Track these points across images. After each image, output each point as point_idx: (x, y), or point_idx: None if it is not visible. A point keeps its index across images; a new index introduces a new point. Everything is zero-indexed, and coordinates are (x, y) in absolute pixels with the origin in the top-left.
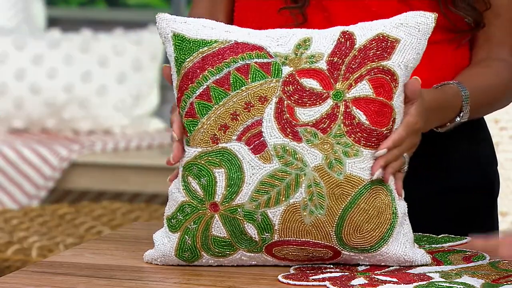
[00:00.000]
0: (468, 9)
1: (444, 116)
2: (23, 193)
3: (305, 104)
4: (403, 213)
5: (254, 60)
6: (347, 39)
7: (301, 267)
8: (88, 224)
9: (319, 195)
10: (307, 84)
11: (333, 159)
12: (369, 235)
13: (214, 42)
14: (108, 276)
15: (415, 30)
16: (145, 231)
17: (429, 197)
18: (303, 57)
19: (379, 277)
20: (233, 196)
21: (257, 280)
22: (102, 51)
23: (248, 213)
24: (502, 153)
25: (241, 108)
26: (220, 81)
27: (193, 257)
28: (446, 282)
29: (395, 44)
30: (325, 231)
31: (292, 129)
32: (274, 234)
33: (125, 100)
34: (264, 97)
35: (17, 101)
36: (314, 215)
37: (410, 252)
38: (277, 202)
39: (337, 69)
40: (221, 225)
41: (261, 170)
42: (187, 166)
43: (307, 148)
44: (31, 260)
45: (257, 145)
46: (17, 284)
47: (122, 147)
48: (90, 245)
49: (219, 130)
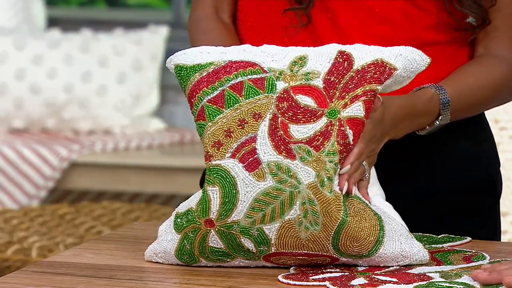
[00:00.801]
0: (474, 7)
1: (418, 121)
2: (23, 193)
3: (299, 121)
4: (383, 213)
5: (248, 77)
6: (344, 60)
7: (301, 267)
8: (88, 224)
9: (313, 212)
10: (302, 101)
11: (325, 177)
12: (365, 241)
13: (209, 64)
14: (108, 276)
15: (410, 65)
16: (145, 231)
17: (431, 197)
18: (298, 74)
19: (379, 277)
20: (228, 213)
21: (257, 280)
22: (102, 51)
23: (244, 228)
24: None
25: (235, 125)
26: (214, 99)
27: (192, 261)
28: (446, 282)
29: (392, 71)
30: (321, 244)
31: (286, 146)
32: (271, 247)
33: (125, 100)
34: (258, 113)
35: (17, 101)
36: (310, 231)
37: (406, 247)
38: (272, 219)
39: (333, 88)
40: (218, 239)
41: (255, 188)
42: None
43: (301, 166)
44: (31, 260)
45: (251, 162)
46: (17, 284)
47: (122, 147)
48: (90, 245)
49: (212, 147)
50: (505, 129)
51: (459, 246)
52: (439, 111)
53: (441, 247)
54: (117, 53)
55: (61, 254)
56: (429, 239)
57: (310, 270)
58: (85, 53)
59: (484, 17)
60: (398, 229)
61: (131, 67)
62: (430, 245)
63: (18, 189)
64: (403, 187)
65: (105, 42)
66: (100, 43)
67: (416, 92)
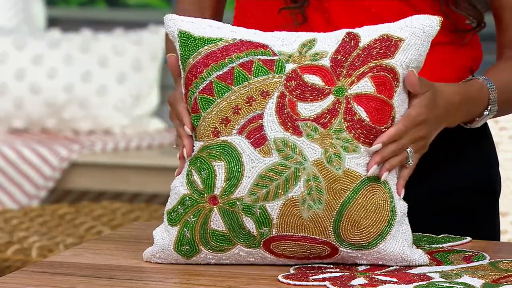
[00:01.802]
0: (470, 9)
1: (470, 110)
2: (23, 193)
3: (306, 99)
4: (402, 213)
5: (258, 57)
6: (351, 39)
7: (301, 267)
8: (88, 224)
9: (318, 190)
10: (310, 80)
11: (332, 153)
12: (366, 231)
13: (219, 40)
14: (108, 276)
15: (420, 31)
16: (145, 231)
17: (431, 197)
18: (307, 55)
19: (379, 277)
20: (232, 189)
21: (257, 280)
22: (102, 51)
23: (247, 206)
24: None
25: (243, 102)
26: (223, 76)
27: (192, 251)
28: (446, 282)
29: (399, 43)
30: (323, 226)
31: (293, 123)
32: (272, 229)
33: (125, 100)
34: (266, 91)
35: (17, 101)
36: (312, 209)
37: (408, 251)
38: (276, 196)
39: (340, 66)
40: (220, 219)
41: (260, 164)
42: (192, 160)
43: (307, 143)
44: (31, 260)
45: (258, 139)
46: (17, 284)
47: (122, 147)
48: (90, 245)
49: (221, 124)
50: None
51: (459, 246)
52: (488, 101)
53: (441, 247)
54: (117, 53)
55: (61, 254)
56: (429, 239)
57: (310, 270)
58: (85, 53)
59: (480, 19)
60: (406, 234)
61: (131, 67)
62: (430, 245)
63: (18, 189)
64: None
65: (105, 42)
66: (100, 43)
67: (468, 81)
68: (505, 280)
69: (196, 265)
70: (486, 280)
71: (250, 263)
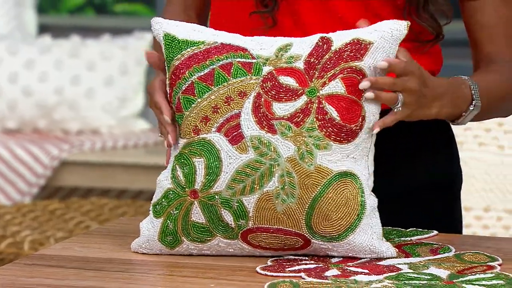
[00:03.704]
0: (430, 21)
1: (455, 102)
2: (16, 190)
3: (281, 99)
4: (372, 207)
5: (237, 59)
6: (324, 43)
7: (278, 259)
8: (77, 219)
9: (291, 185)
10: (284, 81)
11: (305, 150)
12: (337, 223)
13: (201, 43)
14: (97, 268)
15: (388, 34)
16: (131, 226)
17: (399, 193)
18: (283, 58)
19: (352, 268)
20: (211, 184)
21: (236, 272)
22: (90, 56)
23: (225, 200)
24: (467, 151)
25: (222, 102)
26: (204, 77)
27: (175, 242)
28: (414, 273)
29: (368, 46)
30: (295, 219)
31: (268, 122)
32: (248, 221)
33: (112, 102)
34: (244, 92)
35: (10, 103)
36: (286, 203)
37: (376, 244)
38: (252, 191)
39: (313, 68)
40: (200, 212)
41: (237, 160)
42: (177, 156)
43: (281, 140)
44: (23, 253)
45: (235, 136)
46: (10, 276)
47: (110, 146)
48: (79, 239)
49: (201, 122)
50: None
51: (426, 239)
52: (472, 96)
53: (409, 240)
54: (105, 58)
55: (51, 248)
56: (399, 233)
57: (287, 262)
58: (74, 58)
59: (439, 31)
60: (375, 227)
61: (118, 71)
62: (400, 238)
63: (11, 186)
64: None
65: (93, 47)
66: (88, 48)
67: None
68: (469, 271)
69: (180, 256)
70: (452, 271)
71: (229, 253)
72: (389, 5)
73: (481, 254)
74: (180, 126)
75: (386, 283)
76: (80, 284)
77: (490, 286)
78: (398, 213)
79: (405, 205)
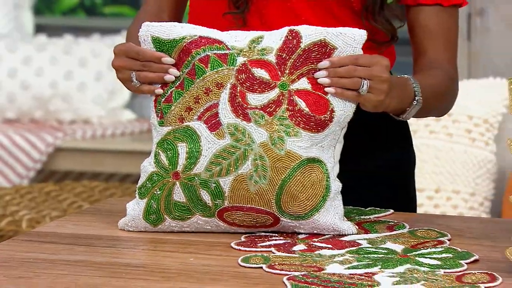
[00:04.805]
0: (386, 24)
1: (401, 97)
2: (15, 173)
3: (255, 90)
4: (336, 191)
5: (214, 52)
6: (294, 37)
7: (250, 235)
8: (70, 200)
9: (263, 168)
10: (258, 74)
11: (276, 137)
12: (303, 204)
13: (183, 38)
14: (87, 244)
15: (351, 40)
16: (119, 206)
17: (360, 176)
18: (255, 50)
19: (317, 243)
20: (192, 166)
21: (214, 247)
22: (82, 54)
23: (203, 181)
24: (419, 139)
25: (202, 93)
26: (189, 72)
27: (158, 220)
28: (373, 247)
29: (332, 51)
30: (267, 199)
31: (243, 111)
32: (224, 201)
33: (102, 95)
34: (221, 83)
35: (9, 96)
36: (258, 184)
37: (338, 223)
38: (228, 173)
39: (284, 64)
40: (181, 192)
41: (215, 145)
42: (159, 142)
43: (255, 128)
44: (22, 230)
45: (214, 124)
46: (9, 251)
47: (99, 134)
48: (72, 218)
49: (185, 112)
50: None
51: (383, 217)
52: (414, 92)
53: (368, 218)
54: (95, 55)
55: (46, 225)
56: (359, 212)
57: (258, 238)
58: (68, 55)
59: (394, 34)
60: (338, 208)
61: (107, 67)
62: (360, 217)
63: (11, 170)
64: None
65: (84, 45)
66: (80, 46)
67: (394, 76)
68: (421, 246)
69: (162, 233)
70: (406, 245)
71: (207, 230)
72: (347, 9)
73: (432, 230)
74: (166, 115)
75: (347, 256)
76: (72, 258)
77: (440, 259)
78: (360, 193)
79: (366, 186)
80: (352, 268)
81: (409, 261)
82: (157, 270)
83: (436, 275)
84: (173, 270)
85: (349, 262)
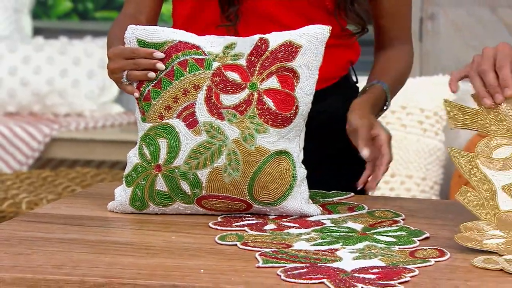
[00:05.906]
0: (357, 19)
1: (378, 108)
2: (15, 161)
3: (228, 91)
4: (302, 178)
5: (191, 56)
6: (262, 43)
7: (226, 216)
8: (65, 184)
9: (236, 161)
10: (230, 76)
11: (247, 134)
12: (273, 192)
13: (164, 43)
14: (80, 224)
15: (314, 38)
16: (109, 189)
17: (325, 161)
18: (228, 56)
19: (285, 223)
20: (172, 160)
21: (193, 227)
22: (76, 54)
23: (183, 173)
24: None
25: (180, 94)
26: (168, 73)
27: (142, 206)
28: (335, 226)
29: (298, 49)
30: (240, 188)
31: (217, 110)
32: (202, 190)
33: (94, 91)
34: (197, 85)
35: (10, 92)
36: (232, 176)
37: (304, 207)
38: (204, 166)
39: (253, 66)
40: (163, 182)
41: (193, 141)
42: (143, 137)
43: (228, 125)
44: (21, 211)
45: (191, 122)
46: (10, 230)
47: (91, 126)
48: (66, 200)
49: (165, 110)
50: None
51: (345, 199)
52: (386, 99)
53: (331, 200)
54: (88, 55)
55: (43, 207)
56: (323, 195)
57: (233, 219)
58: (63, 55)
59: (364, 26)
60: (304, 193)
61: (98, 66)
62: (324, 199)
63: (12, 158)
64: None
65: (78, 46)
66: (74, 47)
67: (371, 89)
68: (379, 225)
69: (147, 215)
70: (365, 225)
71: (187, 214)
72: (321, 10)
73: (388, 211)
74: (147, 112)
75: (313, 234)
76: (66, 236)
77: (395, 236)
78: (323, 175)
79: (328, 170)
80: (317, 245)
81: (367, 239)
82: (143, 247)
83: (392, 251)
84: (157, 247)
85: (314, 240)
